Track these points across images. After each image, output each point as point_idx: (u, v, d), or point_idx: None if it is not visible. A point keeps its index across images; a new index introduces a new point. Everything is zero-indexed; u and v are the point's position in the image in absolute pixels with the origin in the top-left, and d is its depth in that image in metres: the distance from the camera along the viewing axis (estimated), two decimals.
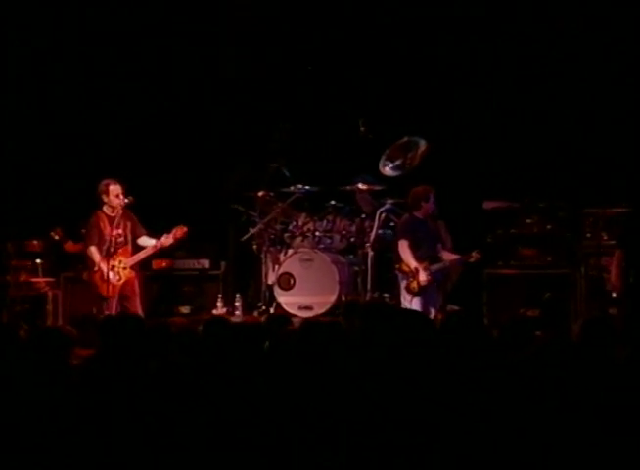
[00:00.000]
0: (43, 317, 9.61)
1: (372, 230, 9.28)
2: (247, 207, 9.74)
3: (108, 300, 8.47)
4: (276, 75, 10.61)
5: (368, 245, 9.27)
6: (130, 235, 8.67)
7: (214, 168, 10.41)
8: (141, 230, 8.73)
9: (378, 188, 9.49)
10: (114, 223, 8.55)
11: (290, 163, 9.79)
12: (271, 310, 9.30)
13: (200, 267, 10.01)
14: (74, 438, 3.81)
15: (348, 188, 9.54)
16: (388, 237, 9.25)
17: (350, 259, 9.56)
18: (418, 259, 8.39)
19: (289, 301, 9.34)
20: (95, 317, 7.87)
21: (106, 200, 8.59)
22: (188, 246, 9.38)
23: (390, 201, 9.31)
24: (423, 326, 4.57)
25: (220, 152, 10.52)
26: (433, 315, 8.27)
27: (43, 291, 9.87)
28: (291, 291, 9.37)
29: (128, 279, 8.59)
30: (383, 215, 9.31)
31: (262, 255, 9.62)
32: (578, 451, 3.55)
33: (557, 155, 9.90)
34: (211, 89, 10.63)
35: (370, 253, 9.24)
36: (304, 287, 9.34)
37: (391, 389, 3.76)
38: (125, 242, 8.64)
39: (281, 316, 7.12)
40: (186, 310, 9.84)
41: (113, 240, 8.53)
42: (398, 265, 8.49)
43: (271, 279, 9.50)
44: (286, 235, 9.71)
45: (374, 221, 9.32)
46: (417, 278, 8.35)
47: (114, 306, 8.49)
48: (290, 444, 3.66)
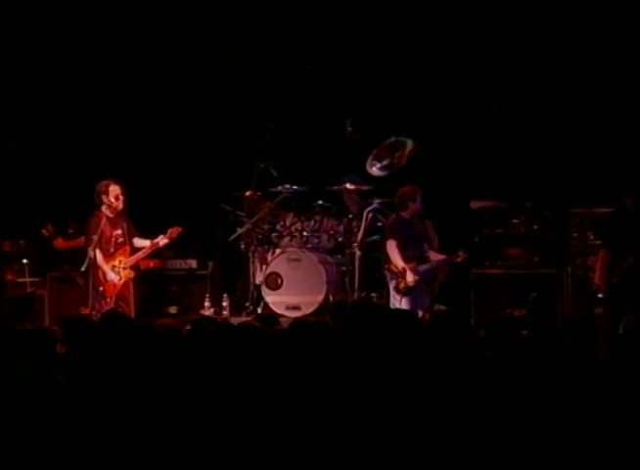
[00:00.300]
0: (30, 317, 9.58)
1: (359, 230, 9.29)
2: (234, 206, 9.74)
3: (107, 299, 8.49)
4: (265, 76, 10.62)
5: (355, 245, 9.29)
6: (127, 235, 8.71)
7: (202, 169, 10.41)
8: (133, 231, 8.76)
9: (365, 188, 9.50)
10: (114, 224, 8.59)
11: (277, 162, 9.79)
12: (259, 310, 9.31)
13: (187, 267, 10.01)
14: (63, 437, 3.81)
15: (336, 188, 9.55)
16: (378, 241, 9.26)
17: (338, 259, 9.57)
18: (406, 260, 8.41)
19: (276, 300, 9.34)
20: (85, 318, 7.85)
21: (105, 200, 8.60)
22: (176, 246, 9.37)
23: (378, 201, 9.33)
24: (411, 325, 4.59)
25: (208, 152, 10.51)
26: (420, 315, 8.29)
27: (29, 291, 9.85)
28: (278, 291, 9.38)
29: (127, 279, 8.63)
30: (370, 215, 9.32)
31: (250, 254, 9.62)
32: (566, 450, 3.57)
33: (543, 155, 9.94)
34: (200, 89, 10.63)
35: (357, 252, 9.25)
36: (292, 287, 9.35)
37: (380, 388, 3.77)
38: (124, 242, 8.68)
39: (269, 316, 7.13)
40: (174, 310, 9.83)
41: (113, 240, 8.58)
42: (387, 266, 8.50)
43: (259, 279, 9.51)
44: (273, 235, 9.72)
45: (361, 221, 9.33)
46: (405, 279, 8.36)
47: (111, 306, 8.49)
48: (278, 443, 3.67)
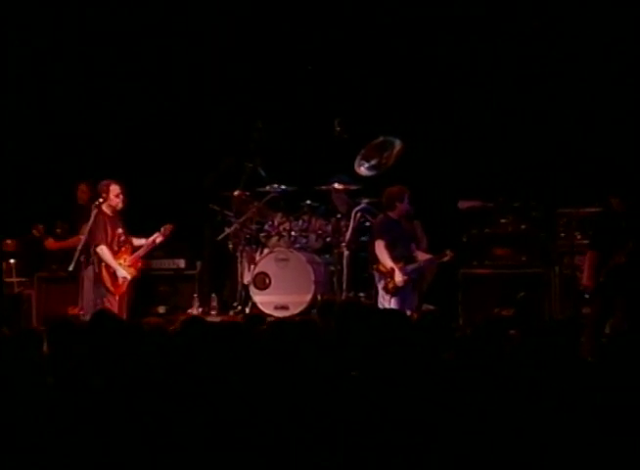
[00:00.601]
0: (17, 318, 9.56)
1: (348, 230, 9.30)
2: (222, 206, 9.74)
3: (115, 297, 8.53)
4: (253, 75, 10.61)
5: (344, 244, 9.30)
6: (126, 234, 8.76)
7: (190, 168, 10.39)
8: (128, 230, 8.79)
9: (353, 188, 9.51)
10: (115, 223, 8.63)
11: (266, 162, 9.79)
12: (247, 310, 9.31)
13: (175, 267, 10.00)
14: (50, 439, 3.80)
15: (324, 188, 9.56)
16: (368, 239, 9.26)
17: (326, 259, 9.58)
18: (394, 260, 8.42)
19: (264, 300, 9.34)
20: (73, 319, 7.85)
21: (106, 199, 8.61)
22: (164, 246, 9.37)
23: (366, 200, 9.34)
24: (400, 325, 4.59)
25: (196, 152, 10.50)
26: (409, 315, 8.30)
27: (17, 291, 9.82)
28: (266, 290, 9.38)
29: (132, 277, 8.68)
30: (358, 215, 9.33)
31: (238, 254, 9.62)
32: (555, 449, 3.58)
33: (531, 155, 9.96)
34: (189, 89, 10.61)
35: (345, 252, 9.26)
36: (280, 286, 9.35)
37: (367, 388, 3.77)
38: (126, 240, 8.73)
39: (256, 316, 7.13)
40: (162, 310, 9.82)
41: (116, 239, 8.61)
42: (375, 266, 8.51)
43: (247, 279, 9.50)
44: (261, 235, 9.71)
45: (349, 221, 9.34)
46: (394, 279, 8.37)
47: (117, 304, 8.56)
48: (265, 443, 3.67)
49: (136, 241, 8.80)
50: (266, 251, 9.57)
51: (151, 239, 8.79)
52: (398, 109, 10.12)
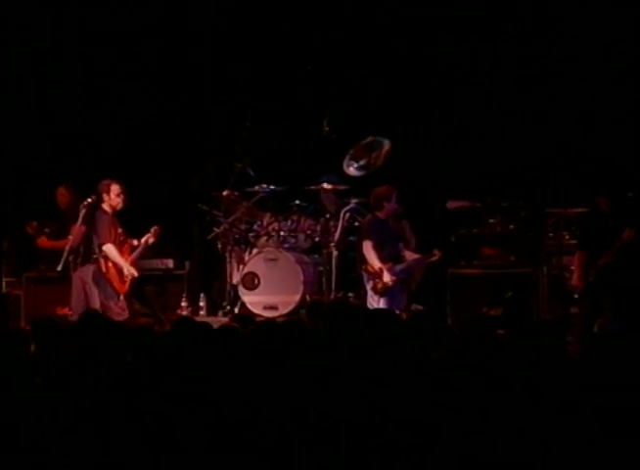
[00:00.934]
0: (5, 318, 9.52)
1: (336, 230, 9.30)
2: (211, 206, 9.73)
3: (120, 297, 8.57)
4: (242, 75, 10.60)
5: (332, 244, 9.30)
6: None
7: (178, 168, 10.37)
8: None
9: (342, 188, 9.51)
10: (115, 222, 8.64)
11: (254, 162, 9.78)
12: (236, 310, 9.30)
13: (164, 267, 9.97)
14: (38, 439, 3.79)
15: (313, 188, 9.56)
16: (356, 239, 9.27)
17: (315, 259, 9.58)
18: (382, 260, 8.42)
19: (253, 300, 9.34)
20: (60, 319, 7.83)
21: (106, 199, 8.62)
22: (152, 245, 9.35)
23: (355, 200, 9.35)
24: (390, 324, 4.59)
25: (185, 152, 10.48)
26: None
27: (5, 291, 9.78)
28: (255, 290, 9.37)
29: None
30: (347, 215, 9.34)
31: (227, 254, 9.61)
32: (544, 448, 3.58)
33: (519, 155, 9.99)
34: (176, 89, 10.59)
35: (334, 252, 9.26)
36: (269, 286, 9.34)
37: (356, 388, 3.77)
38: (125, 240, 8.74)
39: (245, 316, 7.13)
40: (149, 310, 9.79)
41: (118, 238, 8.62)
42: (364, 266, 8.52)
43: (236, 279, 9.50)
44: (250, 235, 9.71)
45: (338, 221, 9.34)
46: (382, 279, 8.38)
47: (126, 303, 8.61)
48: (254, 442, 3.67)
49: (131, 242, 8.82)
50: (255, 251, 9.57)
51: (144, 240, 8.80)
52: (387, 109, 10.13)
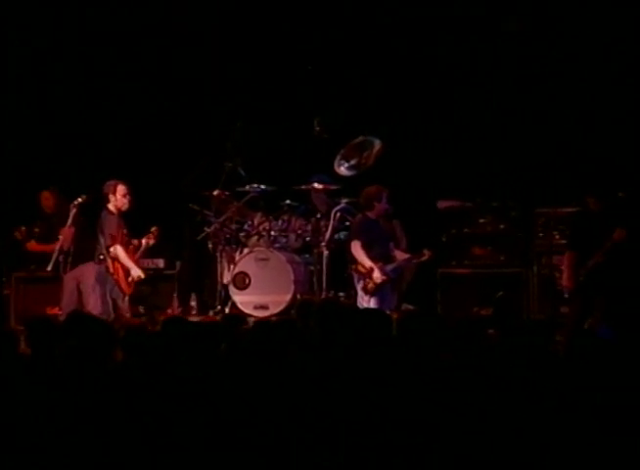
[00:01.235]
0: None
1: (327, 230, 9.31)
2: (202, 206, 9.72)
3: (126, 297, 8.60)
4: (232, 75, 10.60)
5: (323, 244, 9.30)
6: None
7: (169, 168, 10.36)
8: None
9: (333, 187, 9.53)
10: (120, 223, 8.64)
11: (245, 162, 9.78)
12: (226, 310, 9.30)
13: (155, 267, 9.96)
14: (28, 437, 3.79)
15: (304, 187, 9.57)
16: (344, 239, 9.28)
17: (306, 259, 9.59)
18: (372, 260, 8.43)
19: (244, 300, 9.34)
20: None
21: (112, 199, 8.62)
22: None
23: (346, 200, 9.36)
24: (381, 324, 4.60)
25: (176, 151, 10.48)
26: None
27: None
28: (246, 290, 9.38)
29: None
30: (338, 215, 9.35)
31: (218, 254, 9.61)
32: (535, 448, 3.60)
33: (509, 155, 10.01)
34: (169, 90, 10.59)
35: (325, 252, 9.27)
36: (260, 286, 9.35)
37: (350, 388, 3.78)
38: (129, 241, 8.74)
39: (236, 316, 7.14)
40: (141, 310, 9.79)
41: (123, 239, 8.64)
42: (354, 266, 8.52)
43: (226, 278, 9.50)
44: (241, 234, 9.71)
45: (329, 221, 9.34)
46: (372, 277, 8.39)
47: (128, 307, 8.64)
48: (246, 443, 3.67)
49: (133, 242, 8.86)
50: (246, 250, 9.57)
51: (144, 241, 8.82)
52: (378, 108, 10.15)
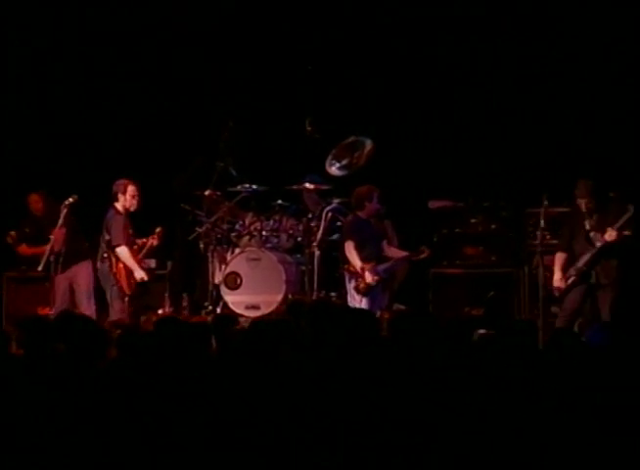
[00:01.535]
0: None
1: (319, 230, 9.31)
2: (193, 206, 9.71)
3: (125, 299, 8.61)
4: (224, 74, 10.59)
5: (315, 244, 9.30)
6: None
7: (161, 168, 10.35)
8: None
9: (325, 188, 9.53)
10: (128, 223, 8.68)
11: (237, 162, 9.78)
12: (218, 310, 9.29)
13: (146, 267, 9.93)
14: (19, 437, 3.79)
15: (295, 187, 9.57)
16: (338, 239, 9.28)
17: (297, 259, 9.58)
18: (364, 260, 8.44)
19: (236, 300, 9.34)
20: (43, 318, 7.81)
21: (121, 199, 8.63)
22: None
23: (337, 200, 9.36)
24: (368, 325, 4.60)
25: (167, 151, 10.46)
26: (379, 314, 8.34)
27: None
28: (238, 290, 9.37)
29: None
30: (329, 215, 9.35)
31: (209, 254, 9.60)
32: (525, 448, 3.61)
33: (500, 155, 10.03)
34: (160, 89, 10.57)
35: (317, 252, 9.26)
36: (251, 286, 9.35)
37: (342, 387, 3.79)
38: (134, 241, 8.77)
39: (228, 316, 7.13)
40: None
41: (129, 239, 8.68)
42: (345, 266, 8.53)
43: (218, 278, 9.49)
44: (233, 234, 9.70)
45: (321, 221, 9.35)
46: (364, 278, 8.39)
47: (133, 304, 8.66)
48: (239, 443, 3.67)
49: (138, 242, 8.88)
50: (237, 250, 9.57)
51: (148, 242, 8.83)
52: (370, 109, 10.15)
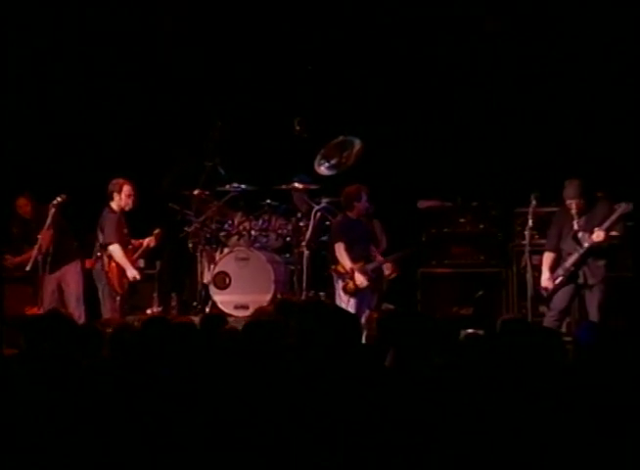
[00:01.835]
0: None
1: (308, 229, 9.32)
2: (182, 205, 9.71)
3: (118, 298, 8.63)
4: (212, 73, 10.58)
5: (304, 244, 9.31)
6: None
7: (149, 167, 10.33)
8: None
9: (314, 187, 9.53)
10: (122, 222, 8.70)
11: (225, 161, 9.77)
12: (207, 310, 9.29)
13: (138, 266, 9.93)
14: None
15: (284, 187, 9.57)
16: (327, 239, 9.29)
17: (286, 258, 9.59)
18: (353, 260, 8.44)
19: (224, 300, 9.33)
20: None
21: (117, 198, 8.64)
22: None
23: (326, 200, 9.37)
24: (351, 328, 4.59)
25: (155, 151, 10.45)
26: (367, 314, 8.35)
27: None
28: (226, 290, 9.37)
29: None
30: (318, 214, 9.35)
31: (198, 254, 9.60)
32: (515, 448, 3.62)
33: (488, 155, 10.06)
34: (148, 88, 10.56)
35: (305, 252, 9.27)
36: (240, 286, 9.34)
37: (330, 387, 3.79)
38: (129, 241, 8.79)
39: (216, 316, 7.13)
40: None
41: (123, 239, 8.70)
42: (334, 266, 8.53)
43: (207, 278, 9.49)
44: (221, 234, 9.70)
45: (310, 220, 9.35)
46: (354, 279, 8.40)
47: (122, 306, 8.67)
48: (228, 444, 3.68)
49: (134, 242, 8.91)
50: (226, 250, 9.56)
51: (145, 242, 8.86)
52: (358, 108, 10.16)
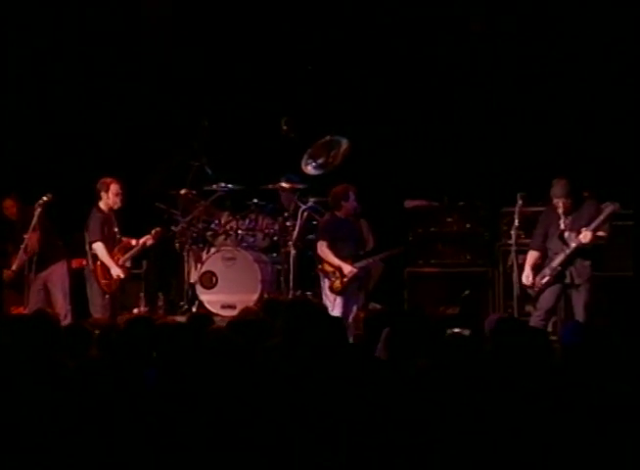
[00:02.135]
0: None
1: (295, 229, 9.31)
2: (169, 205, 9.69)
3: (105, 296, 8.60)
4: (199, 73, 10.57)
5: (291, 243, 9.30)
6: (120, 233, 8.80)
7: (136, 167, 10.31)
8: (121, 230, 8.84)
9: (301, 187, 9.53)
10: (111, 221, 8.65)
11: (212, 161, 9.76)
12: (193, 309, 9.28)
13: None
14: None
15: (271, 187, 9.56)
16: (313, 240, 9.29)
17: (273, 258, 9.58)
18: (341, 258, 8.43)
19: (211, 299, 9.33)
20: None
21: (104, 197, 8.61)
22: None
23: (313, 199, 9.37)
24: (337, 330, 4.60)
25: (141, 150, 10.43)
26: (354, 314, 8.35)
27: None
28: (213, 289, 9.36)
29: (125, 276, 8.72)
30: (305, 214, 9.35)
31: (184, 253, 9.59)
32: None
33: (475, 155, 10.08)
34: (134, 87, 10.53)
35: (292, 251, 9.25)
36: (227, 285, 9.34)
37: (316, 387, 3.79)
38: (120, 239, 8.75)
39: (203, 315, 7.12)
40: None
41: (111, 237, 8.63)
42: (320, 266, 8.53)
43: (193, 278, 9.48)
44: (208, 233, 9.70)
45: (297, 220, 9.35)
46: (341, 273, 8.38)
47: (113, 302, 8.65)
48: (216, 443, 3.67)
49: (128, 241, 8.85)
50: (213, 250, 9.55)
51: (141, 241, 8.82)
52: (345, 108, 10.17)
